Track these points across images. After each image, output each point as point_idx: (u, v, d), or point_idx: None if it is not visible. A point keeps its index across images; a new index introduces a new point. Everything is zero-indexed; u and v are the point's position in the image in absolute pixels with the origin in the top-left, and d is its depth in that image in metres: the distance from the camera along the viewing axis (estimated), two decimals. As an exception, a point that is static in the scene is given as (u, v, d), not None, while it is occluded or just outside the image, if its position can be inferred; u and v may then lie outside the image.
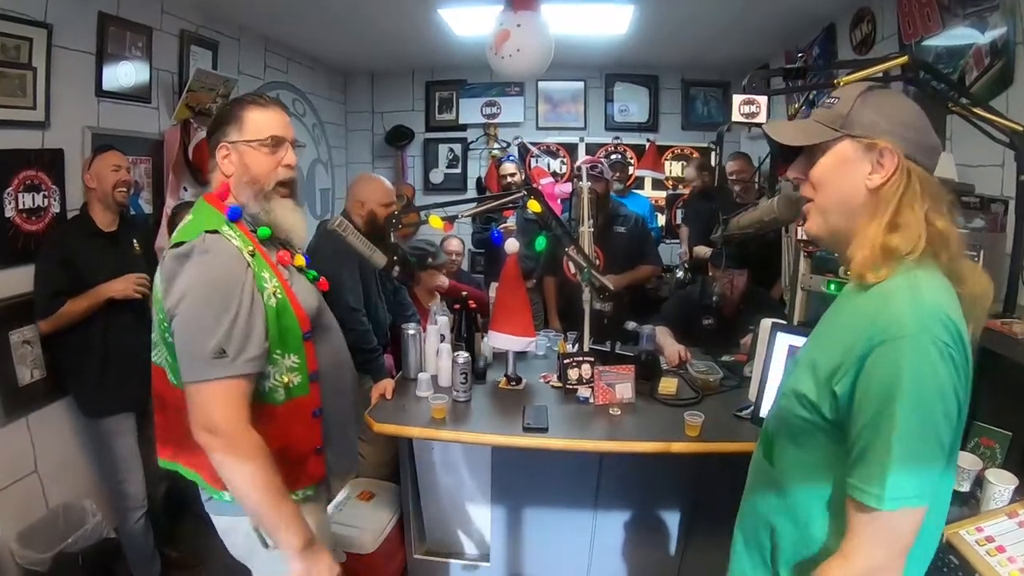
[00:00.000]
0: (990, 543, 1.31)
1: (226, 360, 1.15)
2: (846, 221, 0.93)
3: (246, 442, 1.17)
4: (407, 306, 2.72)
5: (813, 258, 2.10)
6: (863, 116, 0.91)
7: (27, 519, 2.29)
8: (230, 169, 1.32)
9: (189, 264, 1.18)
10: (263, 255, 1.30)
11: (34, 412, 2.37)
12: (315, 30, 4.00)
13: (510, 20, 2.90)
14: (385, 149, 5.50)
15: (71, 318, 2.21)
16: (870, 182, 0.90)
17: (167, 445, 1.37)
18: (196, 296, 1.17)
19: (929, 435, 0.81)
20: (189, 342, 1.17)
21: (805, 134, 0.95)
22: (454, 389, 2.15)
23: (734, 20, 3.69)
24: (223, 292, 1.18)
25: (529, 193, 1.90)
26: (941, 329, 0.82)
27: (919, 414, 0.80)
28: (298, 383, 1.32)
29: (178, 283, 1.17)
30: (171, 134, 3.06)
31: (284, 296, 1.29)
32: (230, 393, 1.17)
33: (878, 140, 0.89)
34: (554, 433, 1.92)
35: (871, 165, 0.90)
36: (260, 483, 1.18)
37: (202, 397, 1.16)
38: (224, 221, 1.27)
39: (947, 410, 0.82)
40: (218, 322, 1.16)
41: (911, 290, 0.85)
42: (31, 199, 2.35)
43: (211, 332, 1.15)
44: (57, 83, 2.45)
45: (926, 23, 2.59)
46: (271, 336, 1.25)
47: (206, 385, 1.15)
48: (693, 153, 5.31)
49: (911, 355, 0.81)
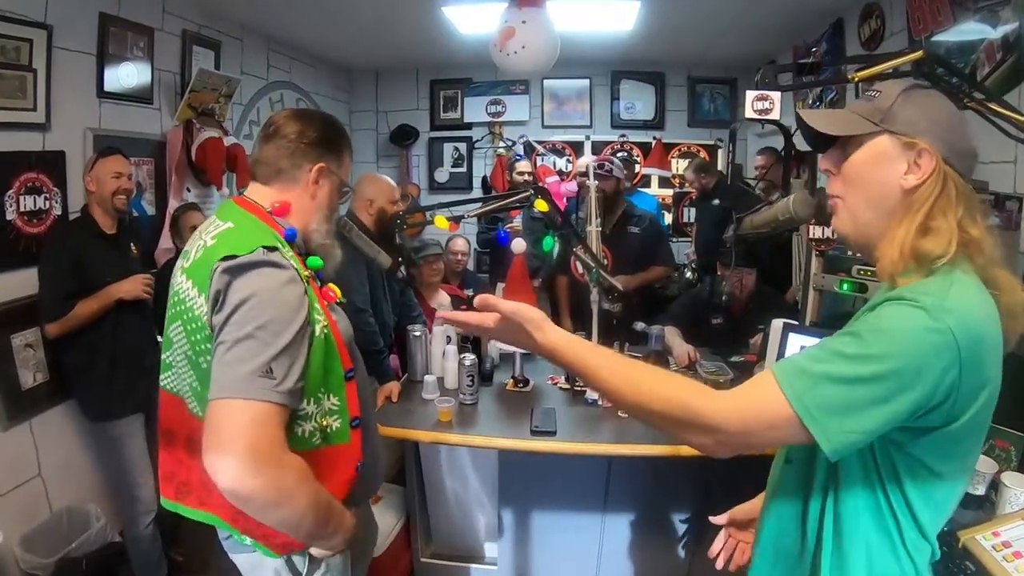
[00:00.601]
0: (1007, 548, 1.28)
1: (272, 382, 1.01)
2: (876, 220, 0.89)
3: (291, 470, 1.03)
4: (413, 307, 2.69)
5: (825, 257, 2.06)
6: (905, 113, 0.87)
7: (30, 523, 2.28)
8: (316, 193, 1.25)
9: (249, 277, 1.05)
10: (312, 286, 1.17)
11: (37, 416, 2.36)
12: (319, 29, 3.99)
13: (515, 17, 2.87)
14: (390, 148, 5.49)
15: (81, 320, 2.19)
16: (905, 182, 0.85)
17: (171, 484, 1.21)
18: (255, 309, 1.03)
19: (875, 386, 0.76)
20: (235, 354, 1.02)
21: (842, 124, 0.90)
22: (461, 391, 2.13)
23: (740, 16, 3.66)
24: (283, 311, 1.06)
25: (536, 192, 1.87)
26: (957, 324, 0.76)
27: (883, 362, 0.76)
28: (337, 429, 1.18)
29: (232, 295, 1.04)
30: (173, 135, 3.05)
31: (330, 331, 1.17)
32: (267, 417, 1.01)
33: (918, 139, 0.85)
34: (562, 436, 1.90)
35: (908, 164, 0.86)
36: (310, 512, 1.07)
37: (232, 416, 0.99)
38: (279, 239, 1.15)
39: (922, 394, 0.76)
40: (274, 340, 1.03)
41: (943, 285, 0.81)
42: (32, 201, 2.34)
43: (265, 348, 1.02)
44: (58, 85, 2.43)
45: (936, 18, 2.56)
46: (315, 373, 1.12)
47: (242, 403, 0.99)
48: (700, 151, 5.27)
49: (918, 321, 0.76)
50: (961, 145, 0.86)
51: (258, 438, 0.99)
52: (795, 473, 0.99)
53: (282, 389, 1.02)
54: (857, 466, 0.87)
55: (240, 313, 1.03)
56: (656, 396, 0.84)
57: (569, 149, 5.31)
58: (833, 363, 0.78)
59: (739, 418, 0.81)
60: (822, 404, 0.77)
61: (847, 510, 0.89)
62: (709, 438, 0.82)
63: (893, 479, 0.85)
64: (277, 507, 1.02)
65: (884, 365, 0.75)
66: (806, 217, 1.76)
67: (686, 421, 0.82)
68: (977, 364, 0.78)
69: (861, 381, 0.76)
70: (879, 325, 0.79)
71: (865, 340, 0.78)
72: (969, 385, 0.78)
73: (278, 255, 1.09)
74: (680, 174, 5.26)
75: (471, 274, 4.06)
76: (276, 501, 1.01)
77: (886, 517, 0.87)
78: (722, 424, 0.81)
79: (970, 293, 0.81)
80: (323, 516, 1.10)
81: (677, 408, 0.83)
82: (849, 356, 0.77)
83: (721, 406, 0.81)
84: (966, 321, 0.77)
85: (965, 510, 1.48)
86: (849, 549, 0.89)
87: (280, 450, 1.02)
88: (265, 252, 1.07)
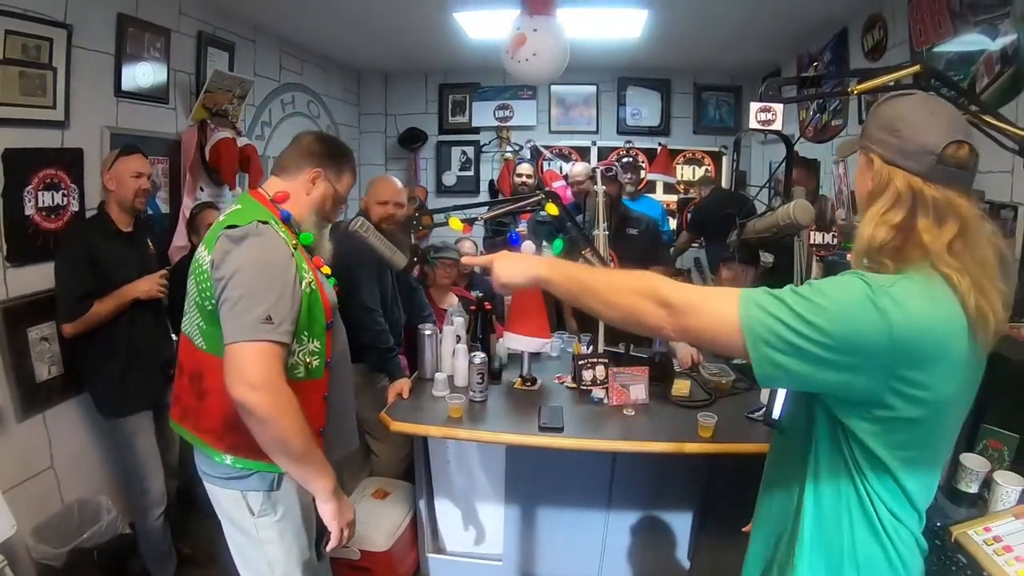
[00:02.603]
0: (998, 543, 1.32)
1: (271, 326, 1.30)
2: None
3: (286, 396, 1.31)
4: (424, 306, 2.73)
5: (825, 263, 2.10)
6: (868, 126, 0.97)
7: (43, 514, 2.31)
8: (311, 191, 1.53)
9: (245, 244, 1.35)
10: (302, 253, 1.48)
11: (51, 408, 2.39)
12: (330, 31, 4.04)
13: (526, 24, 2.92)
14: (398, 151, 5.53)
15: (98, 320, 2.21)
16: (864, 188, 0.97)
17: (178, 406, 1.52)
18: (251, 270, 1.33)
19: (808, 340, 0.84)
20: (237, 308, 1.30)
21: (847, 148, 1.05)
22: (470, 389, 2.17)
23: (746, 25, 3.70)
24: (274, 270, 1.35)
25: (547, 196, 1.92)
26: (894, 307, 0.83)
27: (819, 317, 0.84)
28: (316, 366, 1.48)
29: (232, 258, 1.33)
30: (188, 134, 3.09)
31: (316, 287, 1.46)
32: (272, 354, 1.30)
33: (869, 148, 0.95)
34: (569, 433, 1.93)
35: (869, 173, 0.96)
36: (296, 431, 1.31)
37: (246, 356, 1.28)
38: (272, 218, 1.45)
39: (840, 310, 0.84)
40: (269, 293, 1.32)
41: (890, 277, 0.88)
42: (50, 198, 2.37)
43: (262, 301, 1.31)
44: (76, 83, 2.47)
45: (937, 30, 2.60)
46: (301, 319, 1.41)
47: (251, 345, 1.28)
48: (704, 157, 5.32)
49: (859, 287, 0.85)
50: (906, 144, 0.90)
51: (263, 367, 1.28)
52: (785, 445, 1.07)
53: (280, 331, 1.32)
54: (830, 449, 0.95)
55: (240, 275, 1.31)
56: (628, 285, 0.97)
57: (575, 154, 5.36)
58: (785, 306, 0.86)
59: (697, 302, 0.92)
60: (763, 332, 0.85)
61: (828, 487, 0.96)
62: (664, 311, 0.92)
63: (857, 466, 0.92)
64: (274, 421, 1.28)
65: (823, 322, 0.83)
66: (806, 223, 1.83)
67: (649, 295, 0.93)
68: (919, 359, 0.84)
69: (799, 331, 0.84)
70: (829, 286, 0.87)
71: (816, 296, 0.85)
72: (907, 378, 0.84)
73: (269, 227, 1.39)
74: (687, 180, 5.32)
75: (478, 276, 4.10)
76: (273, 416, 1.28)
77: (864, 499, 0.93)
78: (677, 302, 0.91)
79: (916, 289, 0.86)
80: (305, 445, 1.33)
81: (646, 287, 0.94)
82: (799, 306, 0.85)
83: (685, 289, 0.94)
84: (908, 316, 0.82)
85: (958, 507, 1.52)
86: (832, 522, 0.95)
87: (279, 378, 1.31)
88: (258, 224, 1.38)
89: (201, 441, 1.47)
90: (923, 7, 2.67)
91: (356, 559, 2.26)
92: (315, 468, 1.38)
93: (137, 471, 2.35)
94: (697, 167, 5.34)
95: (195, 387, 1.44)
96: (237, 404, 1.28)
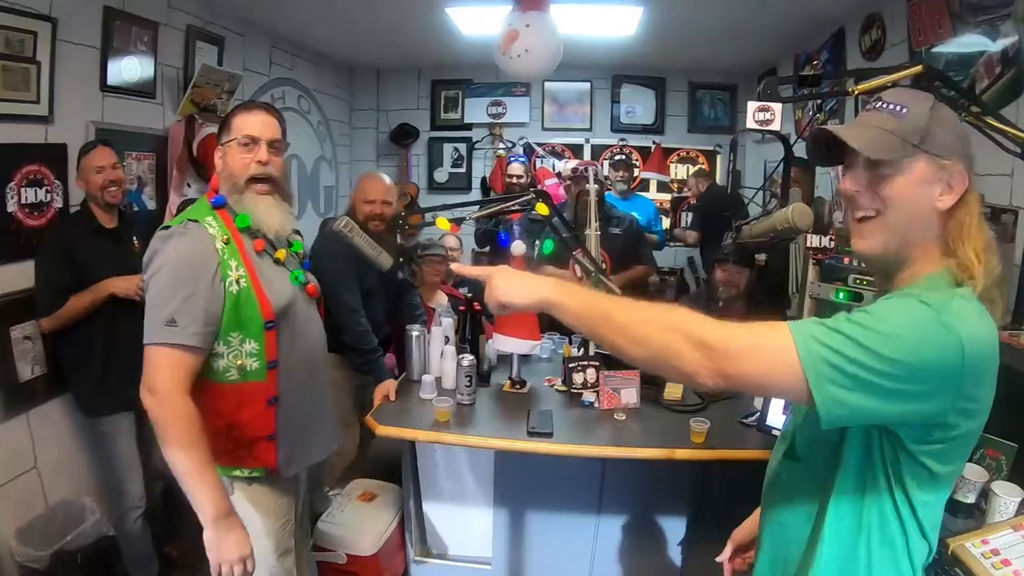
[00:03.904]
0: (995, 556, 1.30)
1: (175, 329, 1.30)
2: (911, 242, 0.89)
3: (176, 406, 1.30)
4: (416, 306, 2.69)
5: (822, 266, 2.09)
6: (939, 132, 0.87)
7: (27, 516, 2.28)
8: (220, 166, 1.51)
9: (169, 244, 1.36)
10: (238, 243, 1.44)
11: (34, 408, 2.35)
12: (321, 26, 3.99)
13: (519, 20, 2.89)
14: (390, 147, 5.50)
15: (74, 315, 2.19)
16: (940, 203, 0.86)
17: None
18: (166, 271, 1.34)
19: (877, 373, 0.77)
20: (151, 309, 1.33)
21: (879, 144, 0.88)
22: (458, 392, 2.14)
23: (742, 23, 3.68)
24: (188, 270, 1.35)
25: (537, 196, 1.89)
26: (962, 327, 0.78)
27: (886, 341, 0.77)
28: (255, 368, 1.44)
29: (156, 259, 1.36)
30: (175, 130, 3.04)
31: (249, 285, 1.42)
32: (173, 359, 1.31)
33: (949, 160, 0.86)
34: (559, 438, 1.91)
35: (941, 186, 0.86)
36: (183, 446, 1.28)
37: (149, 359, 1.32)
38: (210, 210, 1.45)
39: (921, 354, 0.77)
40: (175, 295, 1.32)
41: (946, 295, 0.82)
42: (33, 194, 2.33)
43: (168, 302, 1.32)
44: (61, 77, 2.43)
45: (936, 30, 2.57)
46: (227, 320, 1.40)
47: (155, 348, 1.31)
48: (699, 156, 5.29)
49: (923, 313, 0.78)
50: (970, 153, 0.88)
51: (160, 373, 1.30)
52: (799, 472, 0.99)
53: (187, 333, 1.31)
54: (859, 473, 0.88)
55: (157, 275, 1.34)
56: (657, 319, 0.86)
57: (569, 152, 5.33)
58: (847, 339, 0.78)
59: (744, 344, 0.81)
60: (826, 370, 0.77)
61: (850, 512, 0.90)
62: (701, 354, 0.81)
63: (899, 480, 0.86)
64: (163, 430, 1.29)
65: (893, 352, 0.76)
66: (805, 227, 1.79)
67: (683, 332, 0.82)
68: (980, 374, 0.80)
69: (867, 364, 0.77)
70: (889, 312, 0.80)
71: (880, 324, 0.78)
72: (969, 394, 0.80)
73: (196, 225, 1.39)
74: (680, 179, 5.30)
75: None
76: (162, 424, 1.29)
77: (890, 518, 0.88)
78: (717, 343, 0.81)
79: (967, 305, 0.82)
80: (190, 462, 1.28)
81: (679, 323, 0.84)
82: (863, 337, 0.77)
83: (726, 329, 0.82)
84: (972, 332, 0.78)
85: (955, 518, 1.50)
86: (850, 548, 0.90)
87: (175, 386, 1.30)
88: (187, 223, 1.39)
89: None
90: (922, 7, 2.64)
91: (342, 563, 2.24)
92: (201, 489, 1.29)
93: (114, 473, 2.33)
94: (691, 166, 5.31)
95: None
96: None
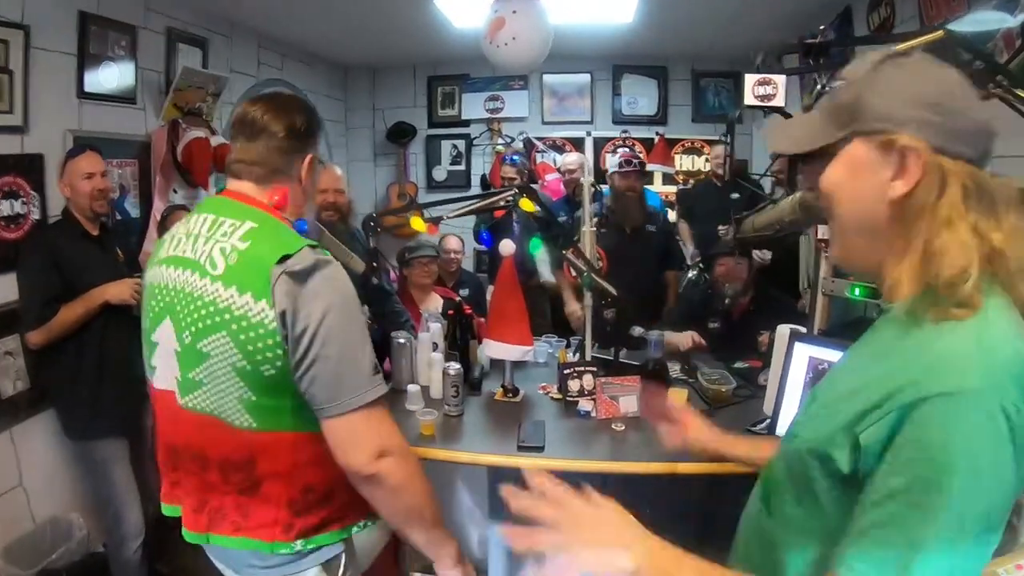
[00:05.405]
0: (1030, 582, 1.17)
1: (379, 377, 1.09)
2: (868, 245, 0.73)
3: (414, 457, 1.15)
4: (400, 312, 2.59)
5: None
6: (874, 102, 0.69)
7: (13, 534, 2.22)
8: (306, 183, 1.22)
9: (314, 282, 1.04)
10: None
11: (18, 425, 2.29)
12: (311, 25, 3.90)
13: (505, 6, 2.78)
14: (387, 147, 5.41)
15: (66, 326, 2.09)
16: (892, 191, 0.68)
17: (202, 514, 1.17)
18: (341, 313, 1.06)
19: (970, 527, 0.61)
20: (345, 367, 1.05)
21: (801, 137, 0.75)
22: (445, 402, 2.03)
23: (745, 6, 3.55)
24: (355, 305, 1.11)
25: (520, 191, 1.77)
26: (1014, 388, 0.61)
27: (969, 499, 0.60)
28: None
29: (312, 304, 1.03)
30: (158, 135, 2.97)
31: None
32: (388, 410, 1.11)
33: (895, 135, 0.67)
34: (551, 452, 1.79)
35: (892, 169, 0.68)
36: (429, 494, 1.15)
37: (370, 421, 1.07)
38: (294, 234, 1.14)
39: (1004, 499, 0.62)
40: (364, 339, 1.09)
41: (979, 327, 0.64)
42: (9, 206, 2.26)
43: (363, 349, 1.08)
44: (36, 86, 2.36)
45: (950, 5, 2.44)
46: None
47: (373, 408, 1.07)
48: (704, 146, 5.15)
49: (970, 422, 0.60)
50: (960, 123, 0.68)
51: (390, 428, 1.10)
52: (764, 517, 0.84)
53: (380, 376, 1.10)
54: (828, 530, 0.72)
55: (329, 324, 1.03)
56: None
57: (570, 146, 5.21)
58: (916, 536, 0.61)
59: None
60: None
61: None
62: None
63: None
64: (408, 487, 1.11)
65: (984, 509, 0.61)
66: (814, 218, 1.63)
67: None
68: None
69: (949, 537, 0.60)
70: (955, 465, 0.61)
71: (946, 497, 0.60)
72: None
73: (320, 250, 1.09)
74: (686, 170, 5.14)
75: (468, 274, 3.97)
76: (406, 482, 1.10)
77: None
78: None
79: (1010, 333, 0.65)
80: (436, 509, 1.17)
81: None
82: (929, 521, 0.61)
83: None
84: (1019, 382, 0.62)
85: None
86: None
87: (403, 438, 1.13)
88: (311, 251, 1.06)
89: (253, 541, 1.14)
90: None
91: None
92: (444, 532, 1.21)
93: (112, 500, 2.24)
94: (696, 156, 5.17)
95: (240, 479, 1.12)
96: (360, 478, 1.07)
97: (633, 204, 3.12)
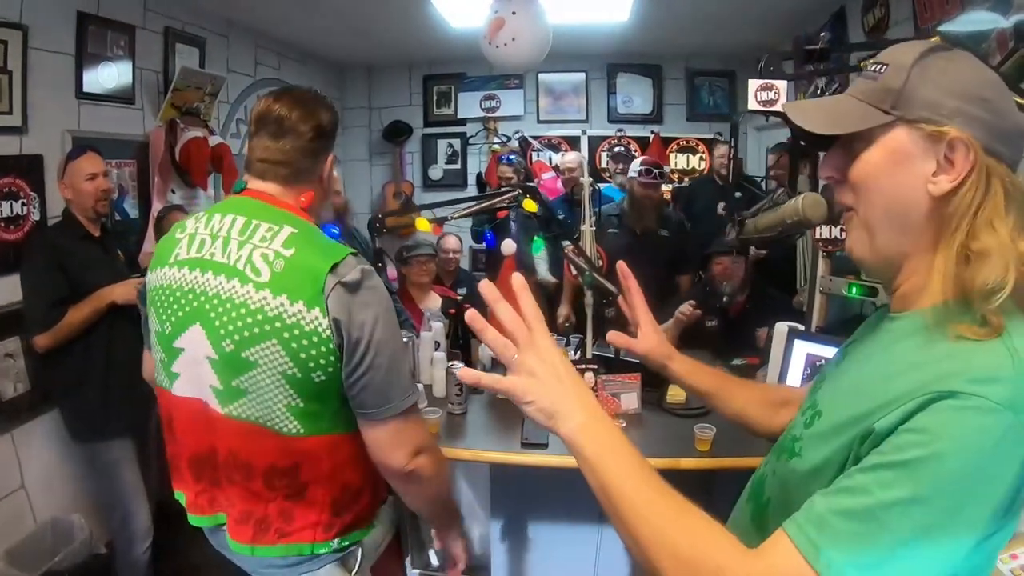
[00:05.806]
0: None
1: (415, 382, 1.27)
2: (898, 240, 0.68)
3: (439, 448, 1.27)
4: (399, 311, 2.61)
5: (833, 258, 1.97)
6: (925, 91, 0.65)
7: (15, 536, 2.22)
8: (327, 183, 1.22)
9: (366, 288, 1.05)
10: None
11: (19, 427, 2.30)
12: (307, 24, 3.91)
13: (505, 7, 2.78)
14: (383, 146, 5.41)
15: (73, 328, 2.07)
16: (934, 186, 0.64)
17: (248, 525, 1.13)
18: (386, 322, 1.07)
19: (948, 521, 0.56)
20: (393, 374, 1.08)
21: (840, 118, 0.69)
22: (449, 402, 2.05)
23: (740, 5, 3.58)
24: (395, 315, 1.14)
25: (524, 192, 1.79)
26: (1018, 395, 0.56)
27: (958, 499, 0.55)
28: None
29: (364, 313, 1.04)
30: (156, 135, 2.97)
31: None
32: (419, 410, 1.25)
33: (946, 127, 0.63)
34: (554, 449, 1.81)
35: (936, 162, 0.64)
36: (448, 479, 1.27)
37: (410, 422, 1.13)
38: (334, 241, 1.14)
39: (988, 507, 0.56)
40: (405, 346, 1.23)
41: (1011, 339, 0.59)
42: (9, 207, 2.26)
43: (404, 356, 1.15)
44: (34, 86, 2.36)
45: (944, 6, 2.46)
46: None
47: (411, 411, 1.13)
48: (699, 145, 5.18)
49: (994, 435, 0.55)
50: (1006, 122, 0.64)
51: (424, 427, 1.19)
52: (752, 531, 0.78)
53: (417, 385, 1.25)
54: None
55: (379, 334, 1.05)
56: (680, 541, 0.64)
57: (565, 144, 5.22)
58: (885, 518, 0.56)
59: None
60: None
61: None
62: None
63: None
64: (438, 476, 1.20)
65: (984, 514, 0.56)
66: (818, 220, 1.64)
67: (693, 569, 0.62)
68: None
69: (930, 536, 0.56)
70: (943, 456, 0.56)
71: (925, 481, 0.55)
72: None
73: (360, 257, 1.09)
74: (681, 169, 5.16)
75: (466, 273, 3.98)
76: (437, 472, 1.19)
77: None
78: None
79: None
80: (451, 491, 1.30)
81: (702, 559, 0.63)
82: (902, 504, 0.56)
83: None
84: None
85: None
86: None
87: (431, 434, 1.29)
88: (354, 258, 1.07)
89: (297, 545, 1.13)
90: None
91: None
92: (456, 510, 1.34)
93: (121, 501, 2.22)
94: (691, 155, 5.21)
95: (284, 484, 1.10)
96: (399, 476, 1.13)
97: (649, 209, 3.13)
